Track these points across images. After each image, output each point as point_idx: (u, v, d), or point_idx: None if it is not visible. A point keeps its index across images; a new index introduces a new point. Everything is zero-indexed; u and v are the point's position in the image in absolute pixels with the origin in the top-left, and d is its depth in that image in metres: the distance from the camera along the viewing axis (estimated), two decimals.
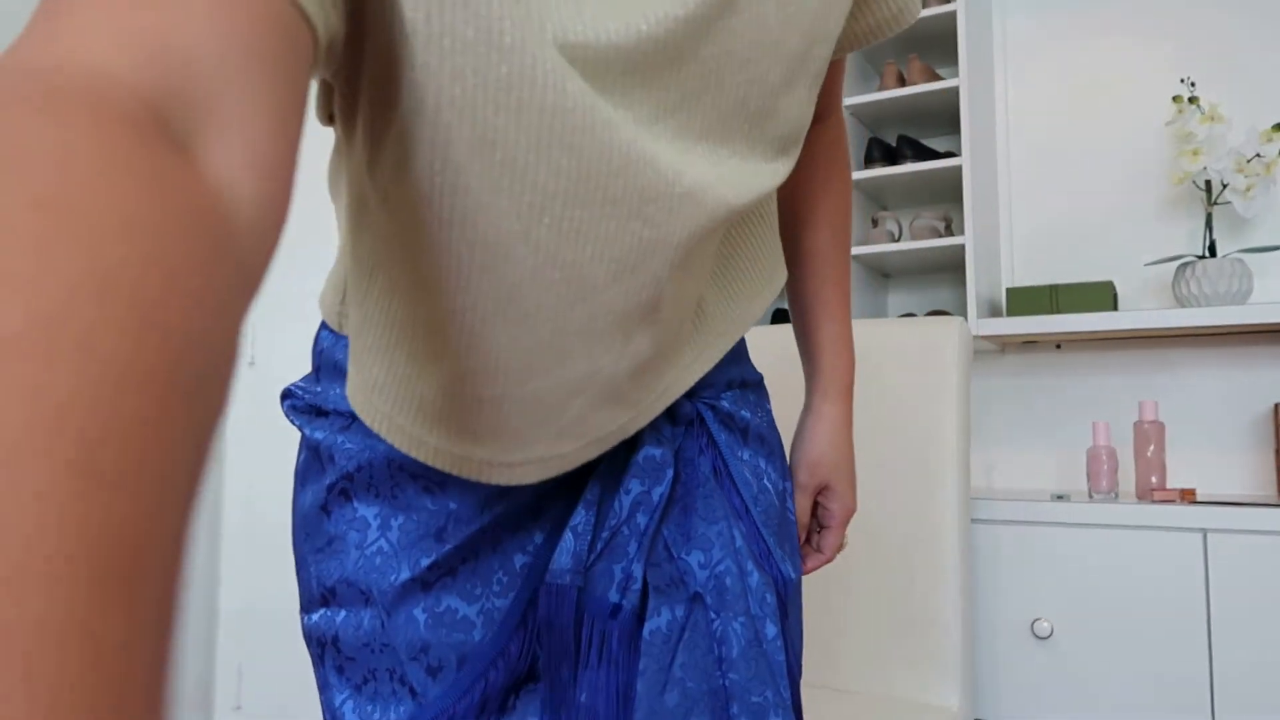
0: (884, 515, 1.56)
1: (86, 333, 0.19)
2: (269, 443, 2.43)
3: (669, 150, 0.49)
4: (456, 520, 0.62)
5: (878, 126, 2.36)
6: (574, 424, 0.58)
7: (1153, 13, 2.17)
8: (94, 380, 0.19)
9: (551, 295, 0.50)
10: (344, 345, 0.64)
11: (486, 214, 0.46)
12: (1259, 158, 1.89)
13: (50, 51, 0.26)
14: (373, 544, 0.63)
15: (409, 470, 0.62)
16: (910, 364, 1.58)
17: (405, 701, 0.61)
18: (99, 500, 0.19)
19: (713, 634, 0.64)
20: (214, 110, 0.29)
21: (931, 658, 1.49)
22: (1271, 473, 1.98)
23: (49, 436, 0.18)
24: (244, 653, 2.41)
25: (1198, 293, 1.89)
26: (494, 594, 0.63)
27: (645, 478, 0.64)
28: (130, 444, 0.20)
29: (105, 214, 0.21)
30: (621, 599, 0.62)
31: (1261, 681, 1.57)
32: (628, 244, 0.49)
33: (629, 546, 0.63)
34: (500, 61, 0.42)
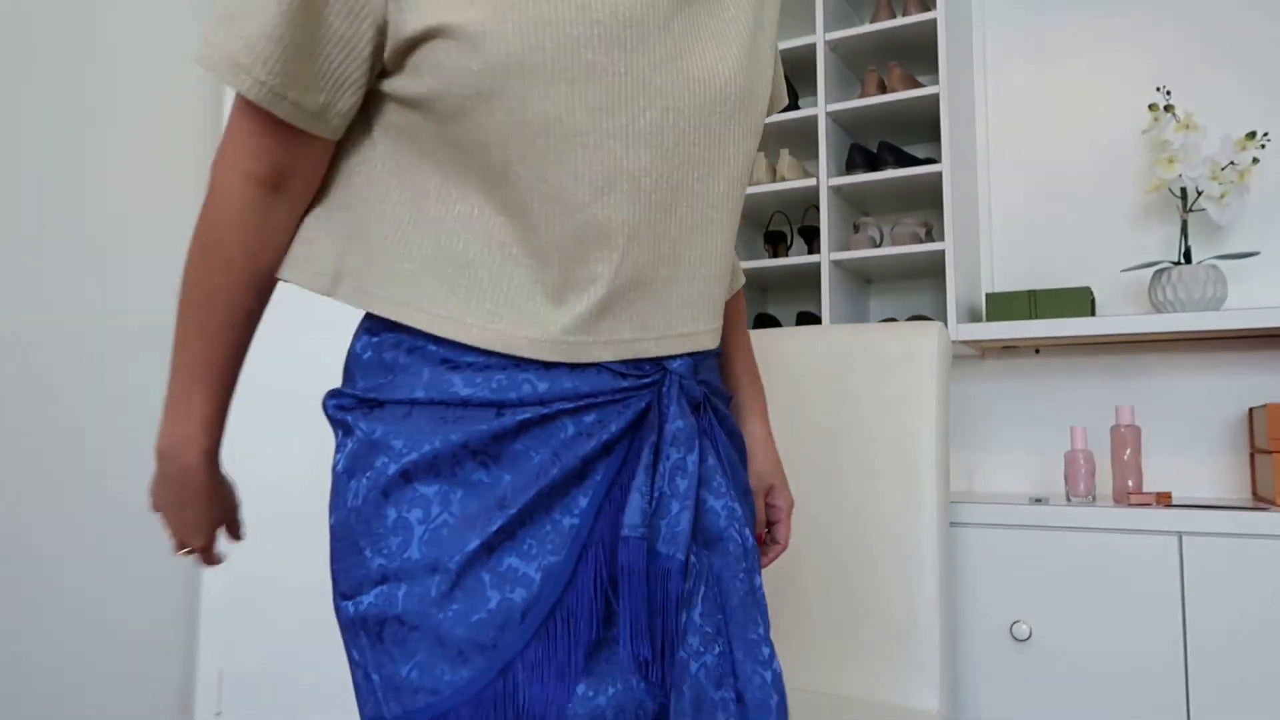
0: (864, 519, 1.57)
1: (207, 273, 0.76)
2: (250, 441, 2.42)
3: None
4: (514, 489, 0.72)
5: (859, 133, 2.38)
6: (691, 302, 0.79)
7: (1130, 22, 2.20)
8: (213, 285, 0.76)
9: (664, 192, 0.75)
10: (387, 342, 0.76)
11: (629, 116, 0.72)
12: (1233, 165, 1.92)
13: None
14: (437, 519, 0.72)
15: (471, 448, 0.73)
16: (890, 368, 1.60)
17: (471, 660, 0.70)
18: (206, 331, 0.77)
19: (720, 586, 0.78)
20: (287, 189, 0.76)
21: (911, 661, 1.50)
22: (1246, 476, 2.00)
23: (203, 311, 0.76)
24: (225, 658, 2.40)
25: (1173, 299, 1.91)
26: (548, 552, 0.73)
27: (679, 445, 0.77)
28: (242, 321, 0.78)
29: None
30: (674, 550, 0.74)
31: (1236, 682, 1.59)
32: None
33: (671, 506, 0.75)
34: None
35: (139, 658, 2.26)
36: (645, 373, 0.78)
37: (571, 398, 0.75)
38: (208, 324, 0.77)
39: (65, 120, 2.11)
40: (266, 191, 0.74)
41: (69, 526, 2.10)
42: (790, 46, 2.30)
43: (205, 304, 0.76)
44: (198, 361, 0.78)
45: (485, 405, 0.73)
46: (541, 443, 0.74)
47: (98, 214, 2.16)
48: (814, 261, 2.21)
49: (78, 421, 2.12)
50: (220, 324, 0.77)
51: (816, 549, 1.61)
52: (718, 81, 0.75)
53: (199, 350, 0.78)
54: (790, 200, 2.40)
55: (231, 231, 0.74)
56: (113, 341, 2.21)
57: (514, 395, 0.74)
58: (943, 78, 2.07)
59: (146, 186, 2.30)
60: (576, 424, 0.75)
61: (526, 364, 0.74)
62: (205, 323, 0.77)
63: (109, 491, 2.19)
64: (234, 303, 0.77)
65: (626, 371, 0.77)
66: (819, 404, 1.64)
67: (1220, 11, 2.11)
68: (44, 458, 2.05)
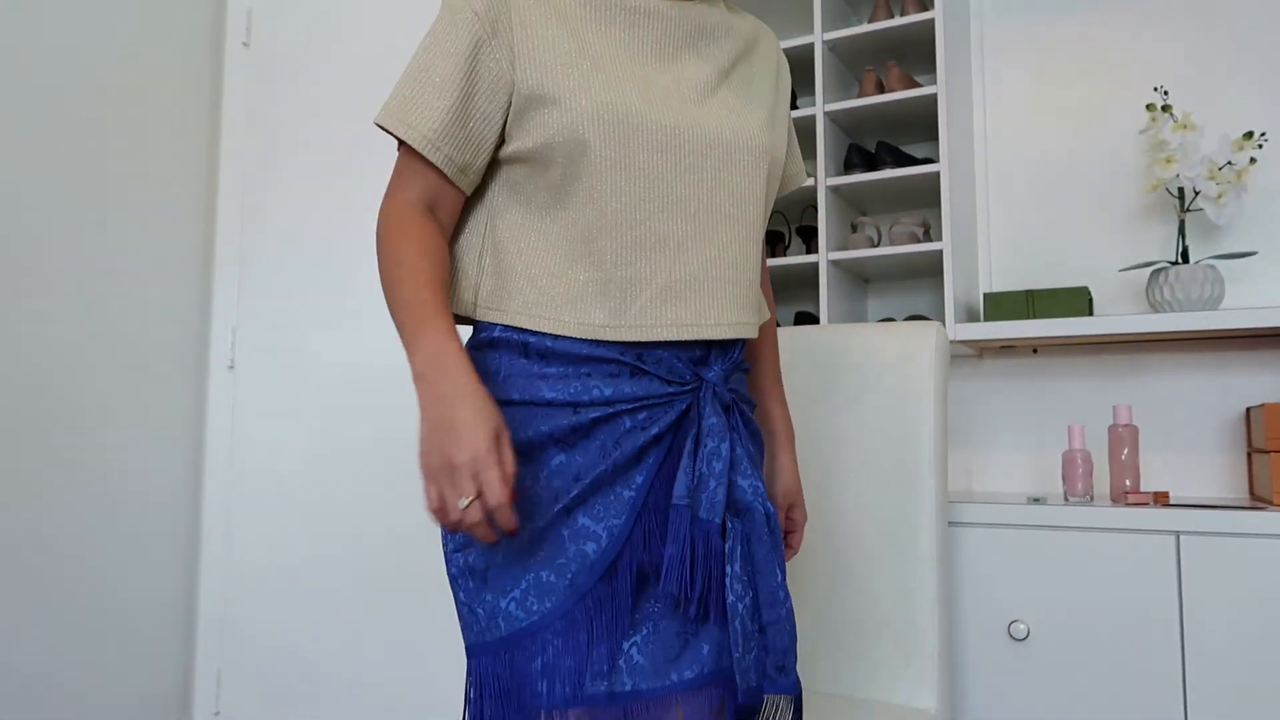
0: (862, 518, 1.57)
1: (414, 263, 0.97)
2: (248, 445, 2.42)
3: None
4: (585, 468, 0.98)
5: (857, 133, 2.38)
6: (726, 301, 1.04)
7: (1128, 23, 2.20)
8: (411, 271, 0.96)
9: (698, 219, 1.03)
10: (486, 360, 1.03)
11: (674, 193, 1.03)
12: (1230, 165, 1.92)
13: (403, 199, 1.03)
14: (530, 490, 0.98)
15: (555, 437, 0.98)
16: (889, 368, 1.60)
17: (555, 593, 0.96)
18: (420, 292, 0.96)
19: (750, 545, 1.00)
20: (436, 214, 1.03)
21: (909, 660, 1.50)
22: (1243, 476, 2.01)
23: (421, 288, 0.95)
24: (223, 658, 2.40)
25: (1171, 299, 1.91)
26: (611, 515, 0.98)
27: (715, 437, 1.00)
28: (440, 283, 0.97)
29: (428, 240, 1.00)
30: (712, 516, 0.97)
31: (1233, 682, 1.60)
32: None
33: (709, 483, 0.98)
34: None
35: (138, 657, 2.26)
36: (686, 381, 1.02)
37: (629, 400, 1.00)
38: (417, 291, 0.95)
39: (91, 154, 2.11)
40: (422, 213, 1.01)
41: (68, 526, 2.09)
42: (788, 46, 2.30)
43: (413, 277, 0.96)
44: (415, 312, 0.94)
45: (564, 405, 0.99)
46: (607, 434, 0.99)
47: (119, 238, 2.16)
48: (812, 261, 2.21)
49: (86, 424, 2.12)
50: (426, 288, 0.96)
51: (816, 548, 1.60)
52: (744, 137, 1.04)
53: (415, 305, 0.95)
54: (788, 200, 2.40)
55: (407, 239, 0.98)
56: (127, 350, 2.20)
57: (586, 398, 0.99)
58: (940, 77, 2.07)
59: (159, 218, 2.30)
60: (633, 420, 1.00)
61: (596, 373, 1.00)
62: (414, 290, 0.95)
63: (110, 491, 2.19)
64: (435, 275, 0.97)
65: (671, 379, 1.01)
66: (817, 404, 1.64)
67: (1218, 11, 2.11)
68: (47, 458, 2.05)
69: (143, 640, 2.27)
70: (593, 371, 1.00)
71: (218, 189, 2.51)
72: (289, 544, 2.36)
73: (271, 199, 2.47)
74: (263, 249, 2.46)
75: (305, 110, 2.46)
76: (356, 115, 2.40)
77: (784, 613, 1.01)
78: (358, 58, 2.42)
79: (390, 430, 2.30)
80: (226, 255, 2.49)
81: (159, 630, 2.31)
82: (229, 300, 2.47)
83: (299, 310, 2.41)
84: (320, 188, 2.43)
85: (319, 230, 2.42)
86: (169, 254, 2.38)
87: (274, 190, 2.47)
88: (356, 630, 2.28)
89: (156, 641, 2.31)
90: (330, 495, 2.34)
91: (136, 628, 2.25)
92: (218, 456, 2.44)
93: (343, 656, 2.28)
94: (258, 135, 2.50)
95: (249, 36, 2.54)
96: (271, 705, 2.34)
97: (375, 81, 2.39)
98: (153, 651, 2.30)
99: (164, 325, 2.35)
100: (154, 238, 2.33)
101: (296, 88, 2.48)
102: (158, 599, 2.31)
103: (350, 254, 2.38)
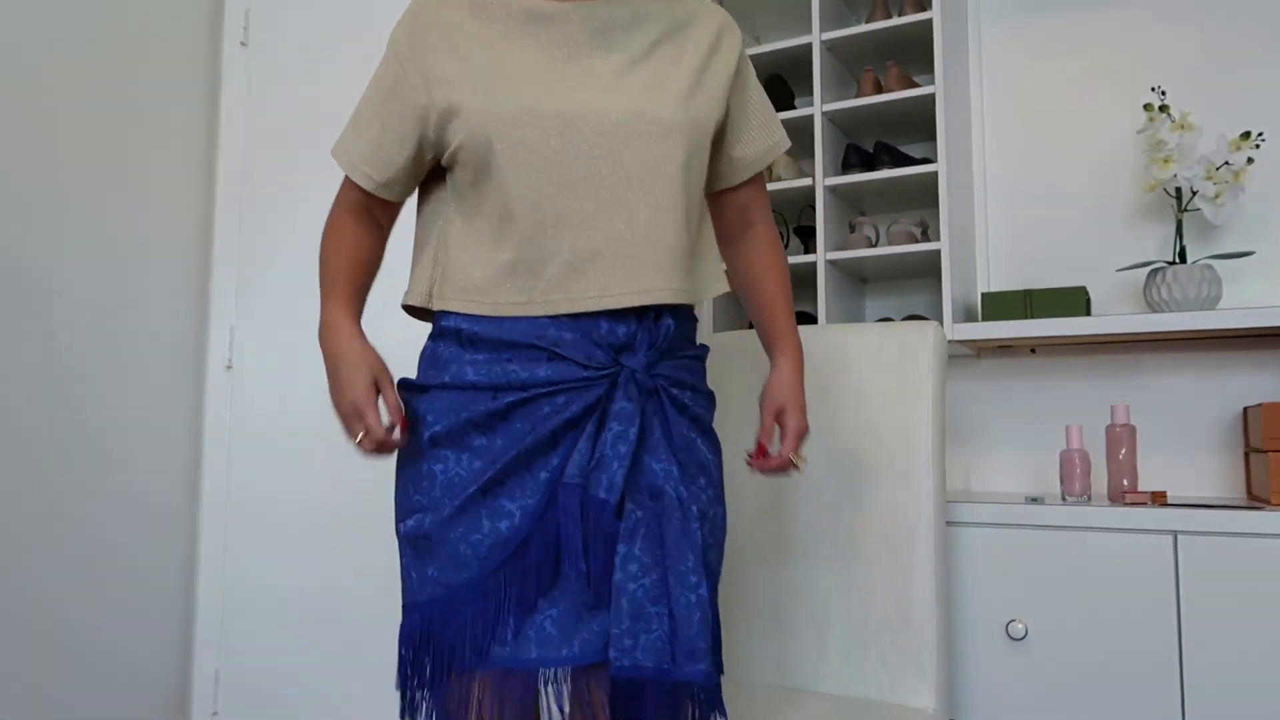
0: (860, 518, 1.57)
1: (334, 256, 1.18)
2: (245, 445, 2.42)
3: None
4: (504, 450, 1.07)
5: (855, 132, 2.38)
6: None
7: (1125, 22, 2.20)
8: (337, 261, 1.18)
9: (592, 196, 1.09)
10: (440, 345, 1.14)
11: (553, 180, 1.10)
12: (1228, 165, 1.93)
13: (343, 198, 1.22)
14: (453, 471, 1.08)
15: (474, 423, 1.08)
16: (887, 368, 1.60)
17: (470, 566, 1.06)
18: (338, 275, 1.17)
19: (660, 527, 1.05)
20: (374, 214, 1.23)
21: (907, 660, 1.50)
22: (1240, 475, 2.01)
23: (330, 272, 1.17)
24: (221, 657, 2.40)
25: (1168, 298, 1.92)
26: (526, 495, 1.07)
27: (621, 421, 1.07)
28: (348, 270, 1.17)
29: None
30: (608, 496, 1.04)
31: (1231, 680, 1.60)
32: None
33: (612, 465, 1.05)
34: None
35: (135, 657, 2.26)
36: (604, 366, 1.08)
37: (545, 384, 1.07)
38: (327, 273, 1.17)
39: (95, 161, 2.10)
40: (353, 214, 1.20)
41: (66, 525, 2.09)
42: (786, 46, 2.30)
43: (327, 264, 1.17)
44: (323, 291, 1.17)
45: (485, 389, 1.08)
46: (524, 418, 1.08)
47: (122, 238, 2.16)
48: (810, 261, 2.21)
49: (84, 424, 2.12)
50: (334, 272, 1.17)
51: (814, 547, 1.61)
52: (651, 113, 1.10)
53: (324, 285, 1.17)
54: (786, 200, 2.41)
55: (335, 234, 1.19)
56: (125, 351, 2.20)
57: (504, 381, 1.08)
58: (938, 77, 2.07)
59: (156, 225, 2.30)
60: (551, 405, 1.08)
61: (516, 359, 1.09)
62: (326, 273, 1.17)
63: (108, 492, 2.19)
64: (341, 263, 1.17)
65: (589, 364, 1.08)
66: (816, 404, 1.64)
67: (1215, 12, 2.11)
68: (45, 458, 2.04)
69: (140, 640, 2.27)
70: (513, 357, 1.09)
71: (215, 189, 2.51)
72: (287, 545, 2.36)
73: (270, 199, 2.47)
74: (261, 249, 2.46)
75: (303, 110, 2.46)
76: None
77: (694, 599, 1.02)
78: (356, 57, 2.42)
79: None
80: (224, 255, 2.49)
81: (157, 630, 2.31)
82: (227, 300, 2.47)
83: (297, 311, 2.41)
84: (318, 188, 2.43)
85: (317, 230, 2.42)
86: (166, 254, 2.37)
87: (272, 190, 2.47)
88: (355, 631, 2.28)
89: (154, 641, 2.31)
90: (329, 495, 2.34)
91: (134, 628, 2.25)
92: (216, 457, 2.44)
93: (341, 657, 2.28)
94: (255, 135, 2.50)
95: (247, 36, 2.54)
96: (270, 705, 2.34)
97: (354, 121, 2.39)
98: (151, 651, 2.30)
99: (162, 326, 2.35)
100: (151, 238, 2.33)
101: (294, 87, 2.48)
102: (155, 599, 2.31)
103: None
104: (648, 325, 1.11)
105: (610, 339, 1.10)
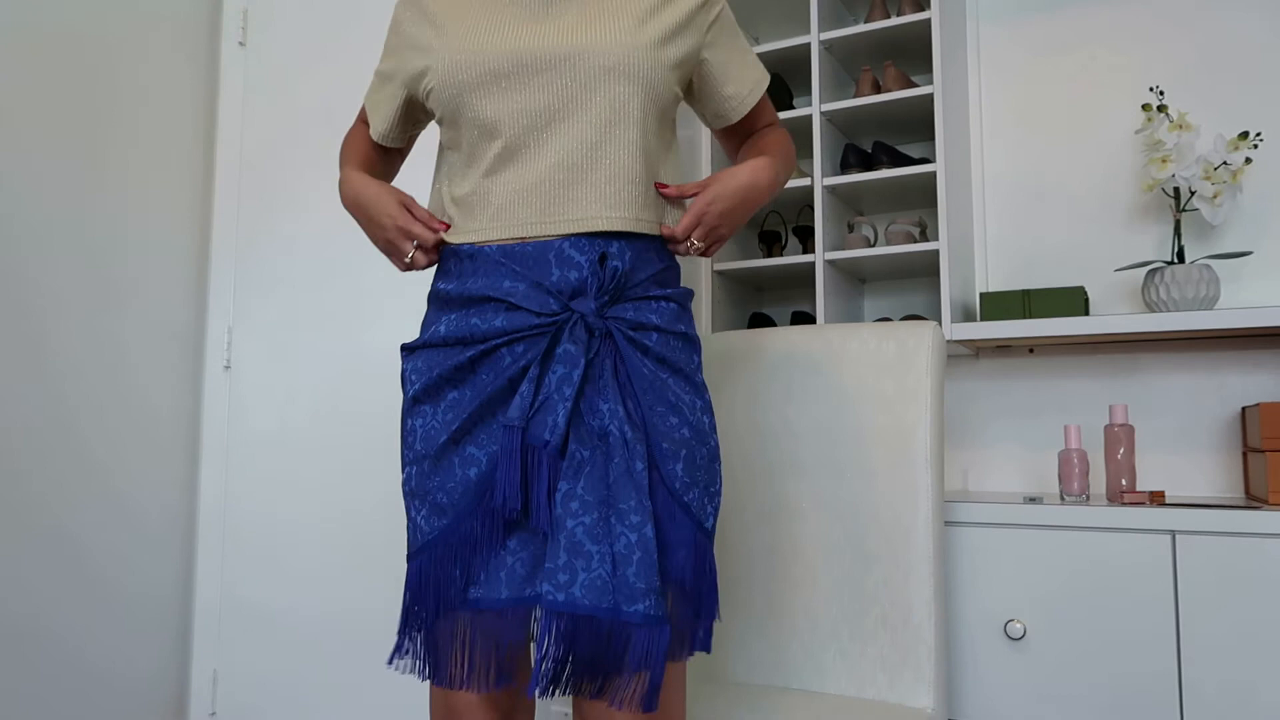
0: (860, 518, 1.57)
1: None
2: (243, 443, 2.42)
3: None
4: (470, 401, 1.14)
5: (853, 132, 2.38)
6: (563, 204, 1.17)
7: (1123, 22, 2.20)
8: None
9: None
10: (426, 315, 1.23)
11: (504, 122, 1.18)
12: (1226, 165, 1.93)
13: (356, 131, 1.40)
14: (429, 425, 1.16)
15: (445, 378, 1.15)
16: (886, 368, 1.60)
17: (447, 513, 1.13)
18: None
19: (605, 468, 1.08)
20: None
21: (906, 660, 1.50)
22: (1238, 475, 2.01)
23: (345, 157, 1.36)
24: (219, 657, 2.39)
25: (1166, 298, 1.92)
26: (491, 443, 1.14)
27: (566, 364, 1.10)
28: (359, 158, 1.36)
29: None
30: (550, 437, 1.08)
31: (1229, 680, 1.60)
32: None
33: (556, 407, 1.08)
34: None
35: (133, 657, 2.25)
36: (555, 313, 1.13)
37: (502, 334, 1.13)
38: (343, 157, 1.34)
39: (93, 168, 2.10)
40: (361, 124, 1.40)
41: (64, 526, 2.09)
42: (785, 46, 2.30)
43: (343, 154, 1.35)
44: (341, 164, 1.32)
45: (455, 344, 1.16)
46: (488, 369, 1.15)
47: (117, 241, 2.16)
48: (808, 261, 2.21)
49: (82, 424, 2.12)
50: (347, 157, 1.34)
51: (813, 547, 1.61)
52: (595, 47, 1.15)
53: (342, 161, 1.33)
54: (785, 200, 2.41)
55: (352, 138, 1.37)
56: (123, 351, 2.20)
57: (468, 333, 1.15)
58: (937, 77, 2.07)
59: (157, 221, 2.30)
60: (510, 353, 1.14)
61: (478, 313, 1.15)
62: (342, 157, 1.34)
63: (106, 491, 2.19)
64: (353, 154, 1.34)
65: (543, 312, 1.12)
66: (815, 404, 1.64)
67: (1214, 11, 2.12)
68: (43, 458, 2.04)
69: (139, 640, 2.27)
70: (475, 312, 1.16)
71: (213, 189, 2.51)
72: (286, 544, 2.36)
73: (267, 199, 2.47)
74: (259, 249, 2.46)
75: (301, 110, 2.46)
76: (352, 114, 2.40)
77: (635, 539, 1.03)
78: (353, 57, 2.42)
79: (388, 430, 2.30)
80: (223, 255, 2.48)
81: (155, 630, 2.31)
82: (225, 300, 2.47)
83: (295, 310, 2.41)
84: (317, 187, 2.43)
85: (315, 230, 2.41)
86: (165, 254, 2.37)
87: (270, 190, 2.47)
88: (354, 631, 2.28)
89: (152, 641, 2.31)
90: (328, 496, 2.34)
91: (132, 628, 2.25)
92: (214, 457, 2.44)
93: (339, 657, 2.28)
94: (254, 134, 2.50)
95: (245, 36, 2.53)
96: (268, 706, 2.34)
97: (370, 81, 2.39)
98: (149, 651, 2.30)
99: (160, 325, 2.35)
100: (149, 238, 2.33)
101: (292, 88, 2.48)
102: (153, 599, 2.31)
103: (347, 254, 2.38)
104: (594, 269, 1.14)
105: (561, 285, 1.13)
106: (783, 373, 1.67)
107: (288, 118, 2.47)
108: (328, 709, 2.28)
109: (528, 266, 1.14)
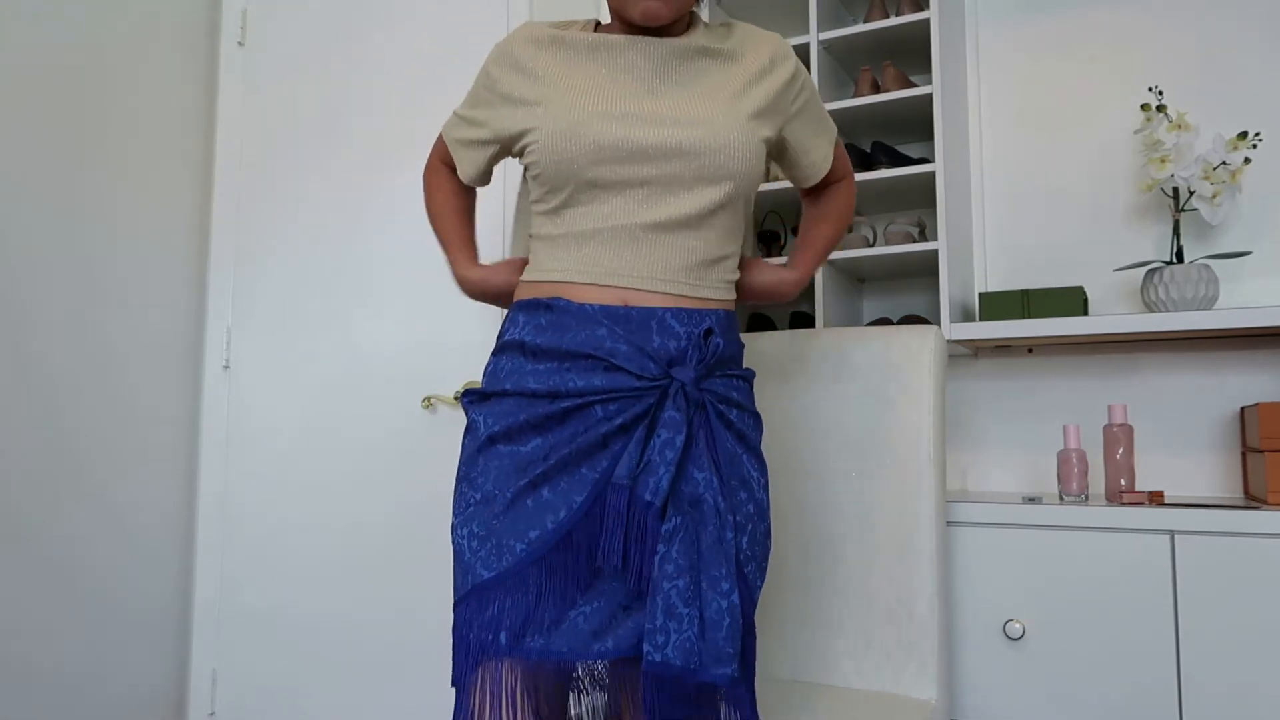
0: (861, 518, 1.58)
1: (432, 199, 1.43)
2: (243, 445, 2.42)
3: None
4: (554, 449, 1.15)
5: (852, 132, 2.38)
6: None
7: (1122, 22, 2.20)
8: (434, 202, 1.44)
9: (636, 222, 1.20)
10: (500, 360, 1.22)
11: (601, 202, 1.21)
12: (1225, 165, 1.93)
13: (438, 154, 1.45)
14: (505, 465, 1.15)
15: (531, 424, 1.15)
16: (888, 371, 1.60)
17: (513, 555, 1.11)
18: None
19: (696, 533, 1.10)
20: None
21: (910, 653, 1.51)
22: (1238, 475, 2.01)
23: (442, 231, 1.43)
24: (218, 658, 2.39)
25: (1165, 298, 1.92)
26: (573, 492, 1.13)
27: (670, 429, 1.12)
28: (454, 224, 1.41)
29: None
30: (653, 499, 1.09)
31: (1228, 681, 1.60)
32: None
33: (659, 470, 1.10)
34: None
35: (133, 657, 2.25)
36: (657, 378, 1.15)
37: (600, 392, 1.14)
38: (440, 231, 1.40)
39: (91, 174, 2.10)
40: (445, 162, 1.43)
41: (64, 526, 2.09)
42: None
43: (436, 221, 1.41)
44: (443, 243, 1.40)
45: (544, 396, 1.16)
46: (578, 422, 1.15)
47: (117, 250, 2.16)
48: None
49: (81, 424, 2.11)
50: (446, 231, 1.40)
51: (816, 547, 1.61)
52: (702, 147, 1.18)
53: (441, 239, 1.40)
54: (785, 200, 2.41)
55: (435, 186, 1.42)
56: (122, 351, 2.20)
57: (563, 388, 1.15)
58: (936, 77, 2.07)
59: (153, 231, 2.29)
60: (604, 410, 1.15)
61: (575, 369, 1.16)
62: (438, 230, 1.41)
63: (105, 492, 2.18)
64: (449, 220, 1.40)
65: (643, 375, 1.14)
66: (816, 405, 1.64)
67: (1213, 11, 2.12)
68: (42, 458, 2.04)
69: (138, 640, 2.27)
70: (572, 367, 1.16)
71: (213, 189, 2.51)
72: (285, 545, 2.36)
73: (267, 199, 2.47)
74: (258, 249, 2.46)
75: (300, 110, 2.46)
76: (351, 115, 2.40)
77: (725, 605, 1.07)
78: (352, 57, 2.42)
79: (387, 430, 2.30)
80: (222, 255, 2.48)
81: (154, 630, 2.31)
82: (224, 300, 2.47)
83: (294, 310, 2.41)
84: (316, 187, 2.42)
85: (314, 230, 2.41)
86: (164, 254, 2.37)
87: (269, 190, 2.47)
88: (352, 630, 2.27)
89: (151, 642, 2.30)
90: (326, 496, 2.33)
91: (132, 628, 2.25)
92: (213, 457, 2.44)
93: (338, 658, 2.28)
94: (253, 135, 2.50)
95: (244, 36, 2.53)
96: (267, 706, 2.34)
97: (370, 81, 2.39)
98: (148, 651, 2.29)
99: (159, 325, 2.34)
100: (149, 238, 2.32)
101: (291, 87, 2.47)
102: (153, 599, 2.31)
103: (346, 254, 2.38)
104: (695, 341, 1.17)
105: (661, 352, 1.16)
106: (787, 376, 1.68)
107: (287, 117, 2.47)
108: (327, 709, 2.28)
109: (630, 330, 1.16)
